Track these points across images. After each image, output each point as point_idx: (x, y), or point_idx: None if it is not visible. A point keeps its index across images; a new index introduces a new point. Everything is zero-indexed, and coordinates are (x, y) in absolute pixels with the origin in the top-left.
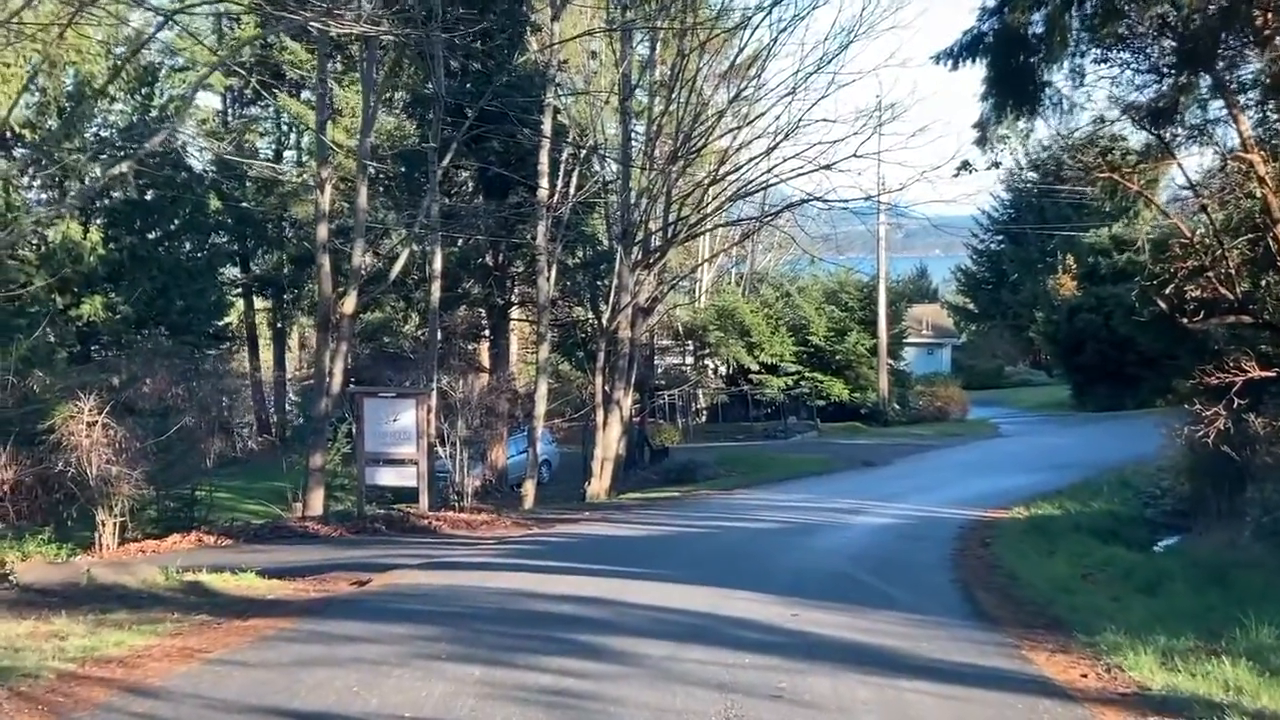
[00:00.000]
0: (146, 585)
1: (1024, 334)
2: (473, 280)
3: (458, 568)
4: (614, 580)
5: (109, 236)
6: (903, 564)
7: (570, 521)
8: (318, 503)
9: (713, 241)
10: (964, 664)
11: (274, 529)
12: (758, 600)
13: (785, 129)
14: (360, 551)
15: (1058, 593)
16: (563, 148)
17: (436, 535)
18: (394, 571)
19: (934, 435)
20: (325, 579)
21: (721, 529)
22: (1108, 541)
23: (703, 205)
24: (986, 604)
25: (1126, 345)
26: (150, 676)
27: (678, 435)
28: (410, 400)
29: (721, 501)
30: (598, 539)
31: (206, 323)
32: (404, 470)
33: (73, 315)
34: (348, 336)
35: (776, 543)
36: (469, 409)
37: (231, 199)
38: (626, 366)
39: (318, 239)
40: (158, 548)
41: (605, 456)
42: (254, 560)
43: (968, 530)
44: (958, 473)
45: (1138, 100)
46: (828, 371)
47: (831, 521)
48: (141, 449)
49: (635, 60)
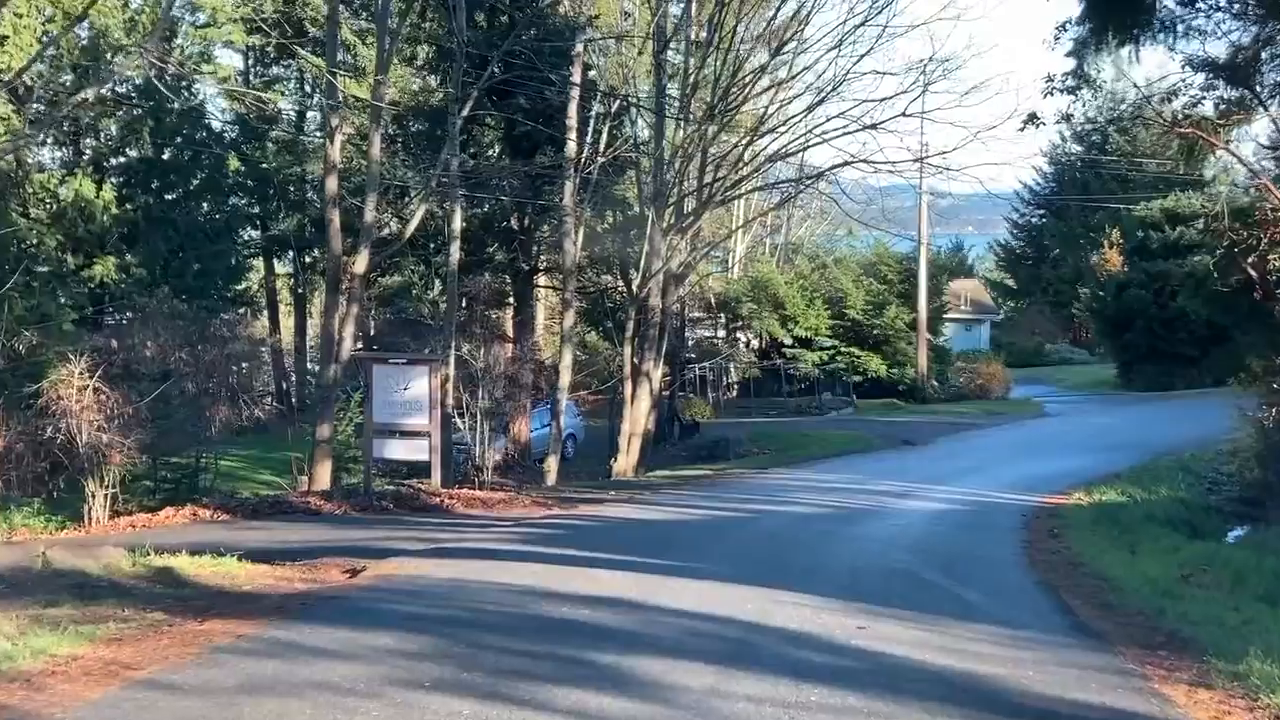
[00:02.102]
0: (108, 571)
1: (1065, 311)
2: (497, 245)
3: (465, 555)
4: (641, 576)
5: (123, 196)
6: (971, 558)
7: (594, 502)
8: (325, 476)
9: (747, 209)
10: (1088, 704)
11: (274, 504)
12: (813, 605)
13: (832, 82)
14: (362, 532)
15: (1162, 599)
16: (592, 104)
17: (448, 515)
18: (393, 559)
19: (976, 414)
20: (316, 565)
21: (759, 513)
22: (1182, 532)
23: (739, 166)
24: (1084, 613)
25: (1177, 323)
26: (50, 706)
27: (708, 410)
28: (423, 368)
29: (756, 482)
30: (624, 523)
31: (224, 287)
32: (415, 443)
33: (85, 276)
34: (359, 299)
35: (823, 531)
36: (491, 379)
37: (251, 160)
38: (657, 337)
39: (327, 192)
40: (149, 522)
41: (633, 431)
42: (246, 539)
43: (1030, 518)
44: (1006, 454)
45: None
46: (865, 346)
47: (879, 506)
48: (135, 416)
49: (669, 19)
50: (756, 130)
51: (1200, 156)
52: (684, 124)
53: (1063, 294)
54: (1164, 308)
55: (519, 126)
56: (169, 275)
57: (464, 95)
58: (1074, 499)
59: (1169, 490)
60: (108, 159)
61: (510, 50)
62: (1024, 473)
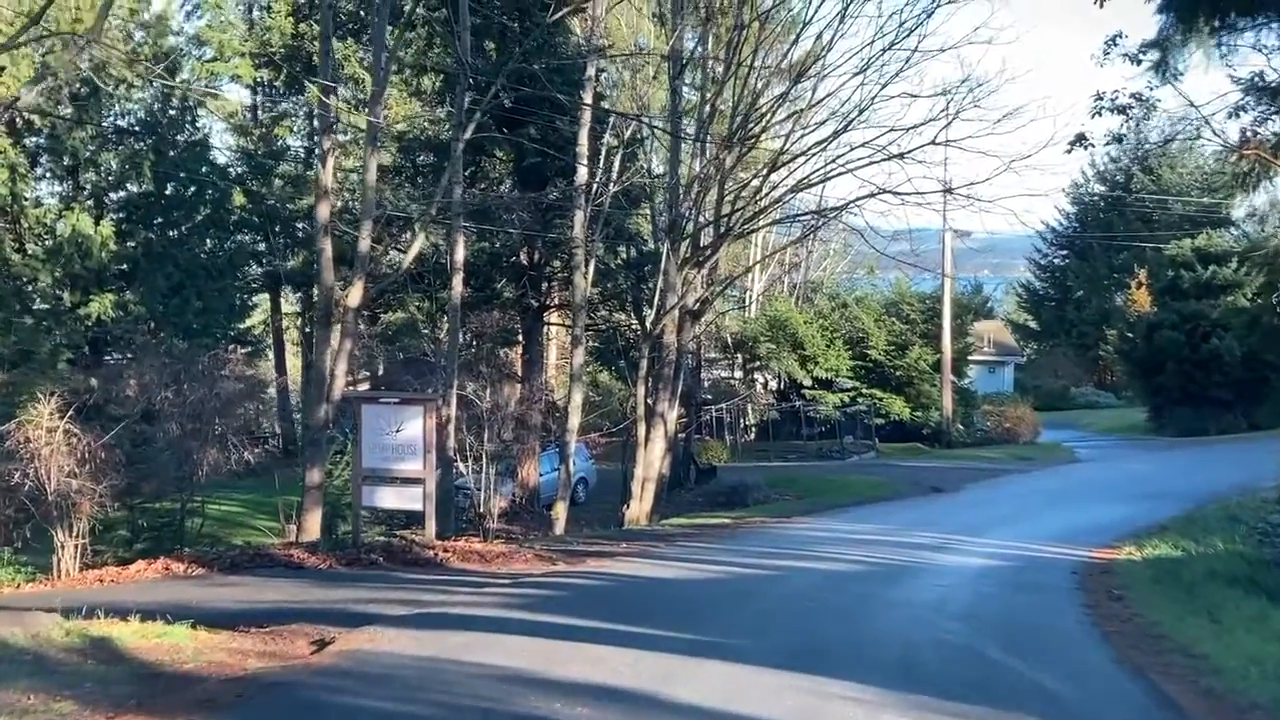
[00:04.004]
0: (36, 643)
1: (1090, 353)
2: (505, 280)
3: (450, 625)
4: (653, 656)
5: (123, 232)
6: (1034, 630)
7: (604, 555)
8: (315, 525)
9: (765, 245)
10: None
11: (254, 556)
12: (866, 699)
13: (858, 107)
14: (344, 591)
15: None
16: (604, 133)
17: (442, 569)
18: (368, 629)
19: (1005, 459)
20: (282, 633)
21: (787, 570)
22: (1252, 593)
23: (759, 197)
24: (1191, 708)
25: (1211, 365)
26: None
27: (725, 453)
28: (417, 408)
29: (780, 531)
30: (635, 582)
31: (227, 325)
32: (408, 491)
33: (82, 314)
34: (352, 333)
35: (861, 593)
36: (498, 420)
37: (257, 195)
38: (672, 376)
39: (318, 219)
40: (119, 576)
41: (647, 476)
42: (216, 598)
43: (1083, 575)
44: (1041, 502)
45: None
46: (887, 388)
47: (917, 562)
48: (109, 459)
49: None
50: (776, 162)
51: (1254, 184)
52: (700, 154)
53: (1087, 336)
54: (1197, 349)
55: (529, 158)
56: (169, 313)
57: (467, 119)
58: (1124, 553)
59: (1224, 543)
60: (107, 193)
61: (520, 75)
62: (1064, 523)
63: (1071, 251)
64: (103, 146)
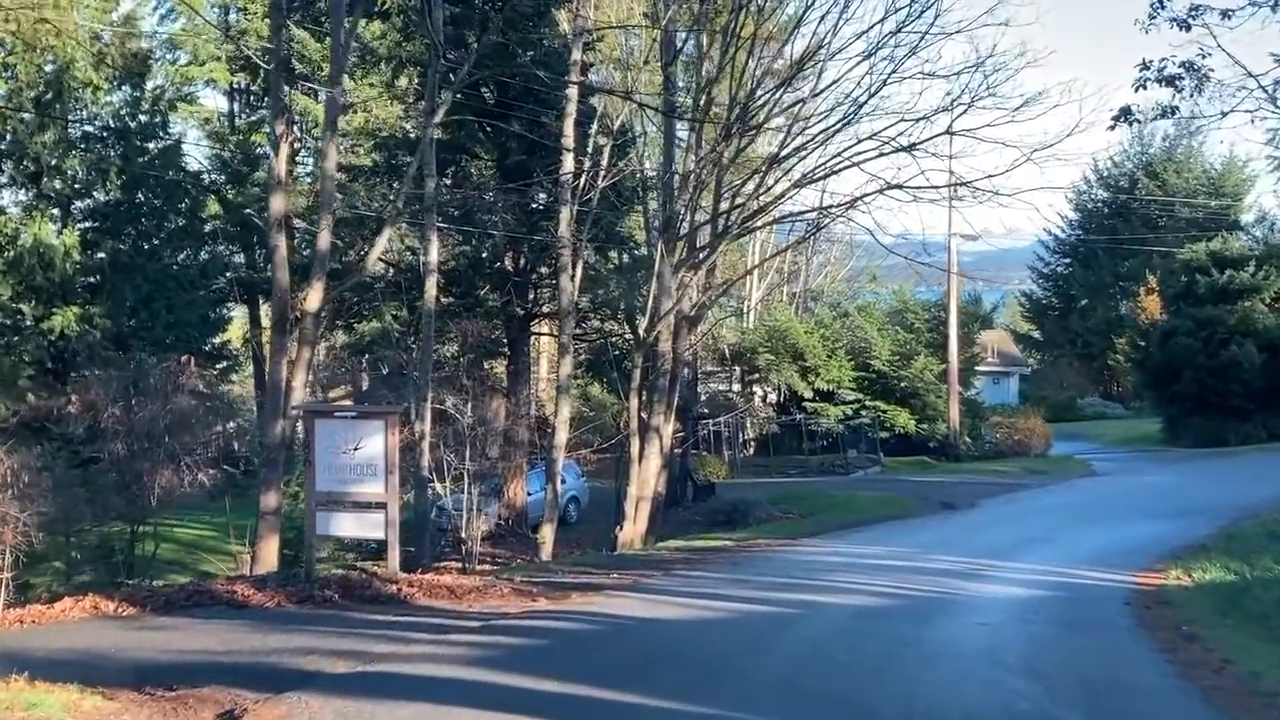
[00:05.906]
0: None
1: (1096, 363)
2: (488, 286)
3: (394, 690)
4: None
5: (89, 241)
6: (1113, 687)
7: (591, 589)
8: (271, 554)
9: (763, 249)
10: None
11: (194, 594)
12: None
13: (868, 89)
14: (284, 638)
15: None
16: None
17: (404, 607)
18: (291, 696)
19: (1017, 473)
20: (188, 699)
21: (804, 606)
22: None
23: (759, 193)
24: None
25: (1229, 373)
26: None
27: (724, 469)
28: (377, 422)
29: (787, 556)
30: (627, 627)
31: (201, 339)
32: (368, 517)
33: (45, 329)
34: (311, 341)
35: (895, 636)
36: (480, 436)
37: (233, 204)
38: (667, 388)
39: (271, 214)
40: (40, 616)
41: (641, 495)
42: (138, 645)
43: (1138, 608)
44: (1065, 520)
45: None
46: (891, 400)
47: (947, 593)
48: (37, 484)
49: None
50: (778, 155)
51: None
52: (696, 147)
53: (1092, 345)
54: (1214, 356)
55: (513, 155)
56: (138, 327)
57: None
58: (1171, 577)
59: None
60: (72, 201)
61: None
62: (1096, 543)
63: (1075, 259)
64: (68, 152)
